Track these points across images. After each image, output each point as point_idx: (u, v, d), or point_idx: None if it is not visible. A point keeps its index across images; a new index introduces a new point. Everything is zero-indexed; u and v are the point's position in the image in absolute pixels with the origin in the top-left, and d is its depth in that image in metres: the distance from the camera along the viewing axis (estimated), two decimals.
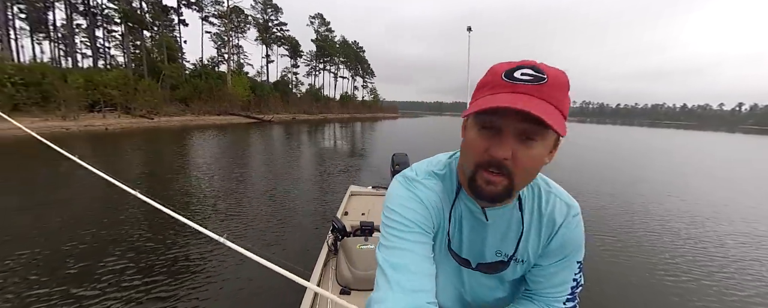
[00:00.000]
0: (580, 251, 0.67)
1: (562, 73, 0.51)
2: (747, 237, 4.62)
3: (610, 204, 6.07)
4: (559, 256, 0.66)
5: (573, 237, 0.65)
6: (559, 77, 0.50)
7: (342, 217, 3.10)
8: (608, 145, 20.98)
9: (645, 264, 3.68)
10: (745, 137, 47.35)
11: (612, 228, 4.75)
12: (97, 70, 20.77)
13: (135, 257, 3.32)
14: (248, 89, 34.91)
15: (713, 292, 3.13)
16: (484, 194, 0.55)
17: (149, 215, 4.35)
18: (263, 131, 19.75)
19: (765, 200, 7.20)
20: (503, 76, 0.51)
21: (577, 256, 0.67)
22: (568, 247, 0.65)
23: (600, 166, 11.52)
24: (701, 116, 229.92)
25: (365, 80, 72.37)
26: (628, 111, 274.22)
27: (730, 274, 3.48)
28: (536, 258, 0.67)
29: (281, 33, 45.74)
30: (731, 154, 19.56)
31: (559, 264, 0.66)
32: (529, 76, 0.50)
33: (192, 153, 10.84)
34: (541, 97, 0.49)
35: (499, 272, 0.68)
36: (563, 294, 0.67)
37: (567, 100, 0.52)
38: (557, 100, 0.50)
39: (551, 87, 0.50)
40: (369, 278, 1.90)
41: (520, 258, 0.67)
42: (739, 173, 11.76)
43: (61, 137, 12.43)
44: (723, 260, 3.83)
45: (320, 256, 2.23)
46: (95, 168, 2.05)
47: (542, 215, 0.65)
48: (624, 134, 36.98)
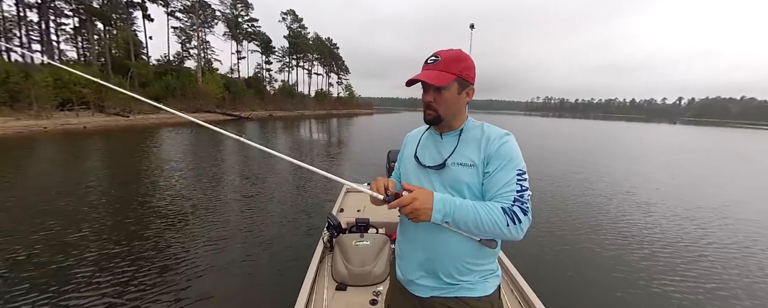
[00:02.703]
0: (516, 161, 0.89)
1: (454, 52, 0.92)
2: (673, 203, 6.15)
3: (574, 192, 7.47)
4: (499, 162, 0.88)
5: (508, 149, 0.89)
6: (449, 55, 0.91)
7: (337, 214, 3.11)
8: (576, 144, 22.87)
9: (582, 224, 4.96)
10: (683, 127, 53.36)
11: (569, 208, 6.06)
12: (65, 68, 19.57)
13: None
14: (222, 86, 34.22)
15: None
16: (426, 120, 0.98)
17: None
18: (246, 129, 19.86)
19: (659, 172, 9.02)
20: (424, 62, 0.94)
21: (514, 164, 0.88)
22: (505, 155, 0.88)
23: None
24: (647, 110, 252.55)
25: (340, 77, 72.40)
26: (585, 106, 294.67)
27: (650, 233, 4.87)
28: (484, 166, 0.90)
29: (252, 29, 44.79)
30: (672, 141, 22.54)
31: (499, 167, 0.88)
32: (433, 59, 0.91)
33: (187, 151, 10.99)
34: (436, 68, 0.90)
35: (442, 169, 0.95)
36: (510, 195, 0.86)
37: (460, 64, 0.90)
38: (448, 67, 0.89)
39: (443, 62, 0.90)
40: (364, 274, 1.93)
41: (459, 161, 0.93)
42: (670, 158, 13.96)
43: (42, 136, 12.16)
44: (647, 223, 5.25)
45: (316, 253, 2.21)
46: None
47: (482, 136, 0.93)
48: (586, 129, 39.06)
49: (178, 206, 4.96)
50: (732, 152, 16.99)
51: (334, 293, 1.86)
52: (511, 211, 0.83)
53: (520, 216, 0.83)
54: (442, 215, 0.84)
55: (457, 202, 0.85)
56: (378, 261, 2.00)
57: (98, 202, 5.00)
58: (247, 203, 5.26)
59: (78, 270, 3.01)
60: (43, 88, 16.39)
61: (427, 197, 0.85)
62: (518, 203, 0.84)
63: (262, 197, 5.64)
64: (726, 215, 5.37)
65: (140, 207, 4.81)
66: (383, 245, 2.13)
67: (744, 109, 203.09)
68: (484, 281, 0.96)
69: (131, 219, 4.32)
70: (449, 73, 0.90)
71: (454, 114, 0.96)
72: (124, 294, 2.67)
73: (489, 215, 0.83)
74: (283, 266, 3.22)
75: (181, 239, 3.79)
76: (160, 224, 4.21)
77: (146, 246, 3.57)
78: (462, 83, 0.92)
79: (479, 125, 0.97)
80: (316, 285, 1.92)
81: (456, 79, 0.90)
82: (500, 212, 0.83)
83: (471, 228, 0.85)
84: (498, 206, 0.84)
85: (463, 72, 0.91)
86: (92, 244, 3.55)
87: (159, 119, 21.24)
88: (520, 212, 0.83)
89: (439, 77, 0.89)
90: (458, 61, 0.90)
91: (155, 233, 3.92)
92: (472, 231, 0.86)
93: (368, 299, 1.81)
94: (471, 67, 0.93)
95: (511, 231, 0.83)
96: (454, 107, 0.94)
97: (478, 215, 0.83)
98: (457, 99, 0.93)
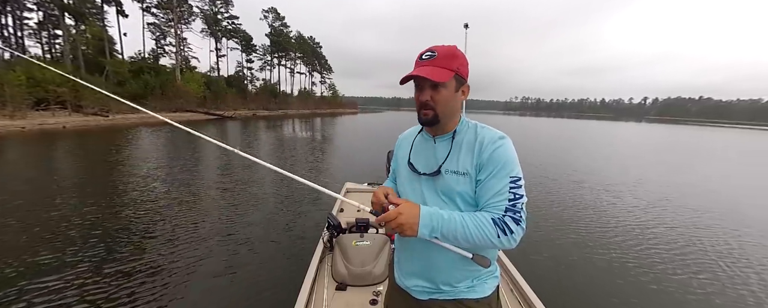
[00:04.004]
0: (509, 167, 0.84)
1: (450, 47, 0.87)
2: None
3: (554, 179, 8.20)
4: (491, 168, 0.84)
5: (501, 154, 0.84)
6: (446, 50, 0.86)
7: (337, 214, 3.10)
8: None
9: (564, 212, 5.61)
10: (648, 126, 57.03)
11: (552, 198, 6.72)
12: (38, 65, 18.59)
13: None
14: (203, 85, 33.42)
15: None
16: (422, 121, 0.93)
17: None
18: (230, 128, 19.66)
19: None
20: (418, 58, 0.88)
21: (507, 170, 0.84)
22: (498, 162, 0.84)
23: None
24: (616, 109, 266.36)
25: (323, 76, 71.94)
26: (559, 105, 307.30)
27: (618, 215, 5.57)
28: (476, 173, 0.86)
29: (232, 26, 43.84)
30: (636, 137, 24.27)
31: (491, 174, 0.84)
32: (428, 55, 0.86)
33: (179, 150, 10.87)
34: (434, 64, 0.85)
35: (436, 176, 0.91)
36: (501, 204, 0.82)
37: (456, 61, 0.86)
38: (445, 63, 0.85)
39: (440, 58, 0.85)
40: (364, 274, 1.92)
41: (453, 168, 0.89)
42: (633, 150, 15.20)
43: (20, 137, 11.68)
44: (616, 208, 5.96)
45: (316, 252, 2.21)
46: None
47: (475, 140, 0.88)
48: (559, 128, 40.71)
49: (177, 205, 4.92)
50: (735, 153, 17.28)
51: (334, 293, 1.86)
52: (502, 222, 0.80)
53: (511, 227, 0.80)
54: (430, 230, 0.82)
55: (444, 216, 0.83)
56: (378, 261, 2.00)
57: (103, 202, 4.99)
58: (246, 203, 5.17)
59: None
60: (16, 86, 15.61)
61: (413, 211, 0.82)
62: (510, 213, 0.81)
63: (262, 197, 5.53)
64: (734, 222, 5.10)
65: (138, 208, 4.81)
66: (383, 245, 2.13)
67: (702, 108, 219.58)
68: (483, 283, 0.94)
69: (131, 217, 4.39)
70: (448, 69, 0.86)
71: (451, 114, 0.92)
72: (123, 295, 2.65)
73: (478, 228, 0.80)
74: (283, 266, 3.23)
75: (181, 238, 3.74)
76: (158, 224, 4.18)
77: (140, 244, 3.56)
78: (459, 80, 0.89)
79: (473, 126, 0.93)
80: (316, 285, 1.92)
81: (454, 75, 0.87)
82: (490, 224, 0.80)
83: (461, 242, 0.82)
84: (488, 217, 0.81)
85: (460, 68, 0.88)
86: (109, 244, 3.54)
87: (140, 119, 20.65)
88: (512, 222, 0.80)
89: (438, 72, 0.85)
90: (455, 56, 0.87)
91: (152, 232, 3.90)
92: (462, 244, 0.83)
93: (368, 299, 1.81)
94: (466, 64, 0.90)
95: (503, 241, 0.81)
96: (452, 106, 0.91)
97: (466, 228, 0.81)
98: (455, 97, 0.90)
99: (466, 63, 0.90)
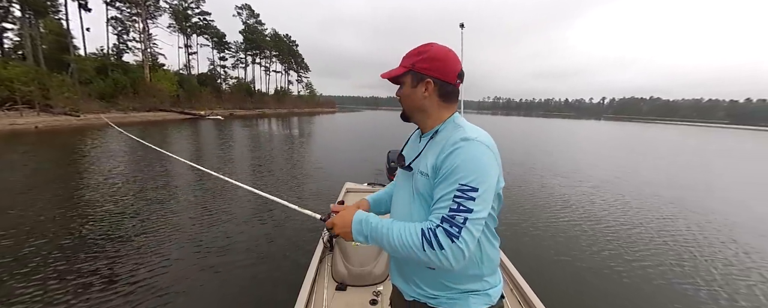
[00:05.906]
0: (460, 174, 0.73)
1: (420, 46, 0.88)
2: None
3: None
4: (442, 172, 0.77)
5: (456, 157, 0.75)
6: (414, 49, 0.88)
7: None
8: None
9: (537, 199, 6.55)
10: (606, 123, 62.14)
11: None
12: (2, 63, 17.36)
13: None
14: (176, 83, 32.27)
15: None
16: (400, 116, 0.97)
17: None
18: (207, 128, 19.46)
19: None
20: None
21: (457, 176, 0.73)
22: (450, 165, 0.75)
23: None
24: (578, 108, 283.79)
25: (300, 75, 71.03)
26: (528, 105, 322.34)
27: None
28: (434, 175, 0.80)
29: (204, 22, 42.40)
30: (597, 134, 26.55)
31: (441, 178, 0.76)
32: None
33: (167, 148, 10.83)
34: (401, 64, 0.90)
35: (411, 172, 0.92)
36: (441, 212, 0.72)
37: (416, 57, 0.86)
38: (404, 60, 0.89)
39: (406, 57, 0.89)
40: (364, 274, 1.92)
41: (421, 168, 0.86)
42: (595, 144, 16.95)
43: None
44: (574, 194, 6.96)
45: (316, 252, 2.20)
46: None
47: (441, 141, 0.83)
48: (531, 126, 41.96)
49: (176, 205, 4.93)
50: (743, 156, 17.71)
51: (334, 293, 1.86)
52: (432, 233, 0.71)
53: (442, 241, 0.70)
54: (363, 237, 0.81)
55: (372, 223, 0.81)
56: (378, 261, 2.01)
57: (101, 203, 4.94)
58: (245, 203, 5.13)
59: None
60: None
61: (347, 219, 0.83)
62: (445, 225, 0.71)
63: (262, 197, 5.57)
64: (733, 225, 5.04)
65: (140, 207, 4.84)
66: None
67: (652, 107, 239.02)
68: (465, 299, 0.87)
69: (129, 215, 4.45)
70: (401, 66, 0.89)
71: (418, 110, 0.90)
72: (123, 293, 2.67)
73: (402, 238, 0.75)
74: (282, 266, 3.24)
75: (180, 239, 3.74)
76: (155, 222, 4.21)
77: (136, 243, 3.58)
78: (417, 76, 0.86)
79: (454, 126, 0.86)
80: (316, 285, 1.92)
81: (407, 71, 0.87)
82: (416, 235, 0.73)
83: (390, 251, 0.78)
84: (418, 227, 0.74)
85: (416, 64, 0.85)
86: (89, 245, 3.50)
87: (113, 118, 19.86)
88: (445, 235, 0.70)
89: (393, 70, 0.90)
90: (416, 53, 0.86)
91: (152, 232, 3.89)
92: (394, 253, 0.79)
93: (368, 299, 1.82)
94: (430, 59, 0.85)
95: (430, 256, 0.71)
96: (413, 103, 0.90)
97: (391, 237, 0.76)
98: (414, 93, 0.88)
99: (431, 58, 0.85)
